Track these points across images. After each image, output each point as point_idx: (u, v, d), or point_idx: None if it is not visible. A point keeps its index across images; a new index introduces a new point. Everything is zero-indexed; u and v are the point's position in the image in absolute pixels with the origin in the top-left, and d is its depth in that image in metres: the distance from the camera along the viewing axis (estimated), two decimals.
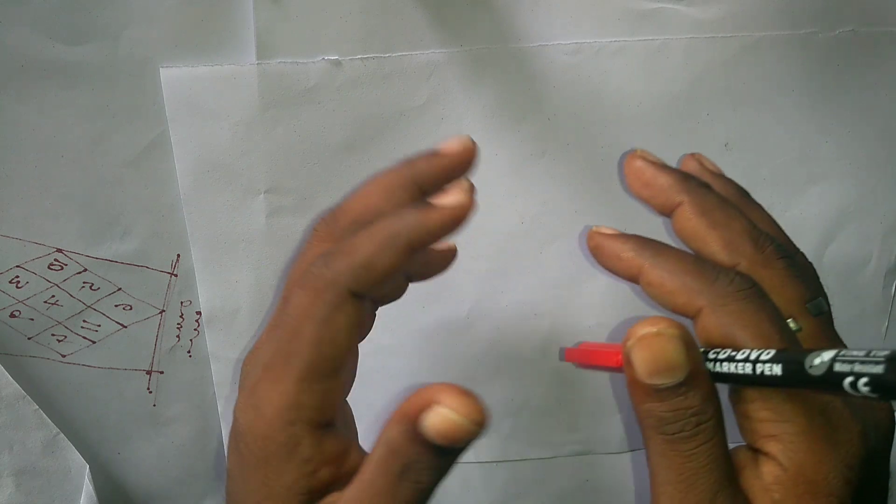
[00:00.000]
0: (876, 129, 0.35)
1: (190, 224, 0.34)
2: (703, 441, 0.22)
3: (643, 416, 0.22)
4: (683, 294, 0.23)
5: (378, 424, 0.43)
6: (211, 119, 0.32)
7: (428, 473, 0.22)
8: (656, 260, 0.24)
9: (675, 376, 0.21)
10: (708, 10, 0.32)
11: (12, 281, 0.34)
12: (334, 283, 0.23)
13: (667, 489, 0.22)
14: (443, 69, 0.32)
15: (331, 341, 0.23)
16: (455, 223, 0.24)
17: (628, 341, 0.22)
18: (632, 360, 0.21)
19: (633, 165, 0.28)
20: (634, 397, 0.22)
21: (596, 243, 0.26)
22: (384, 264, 0.23)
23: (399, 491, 0.22)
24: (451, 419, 0.20)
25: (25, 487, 0.37)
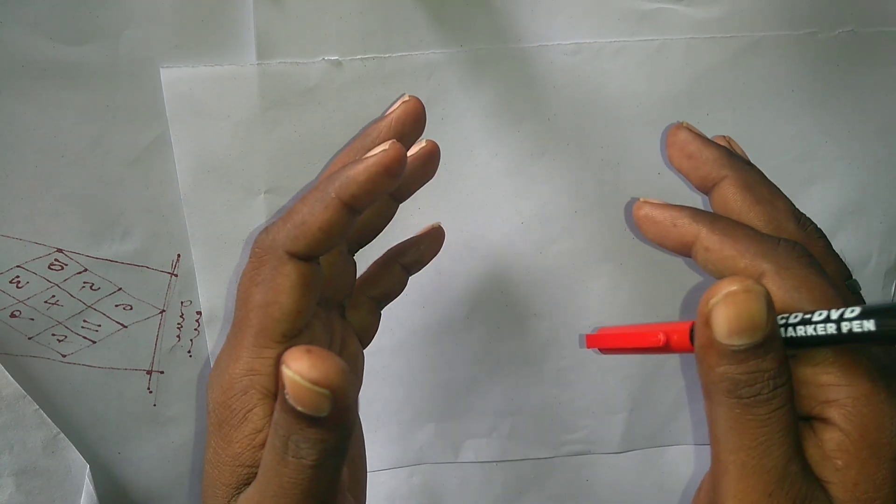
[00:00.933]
0: (876, 129, 0.35)
1: (190, 224, 0.34)
2: (779, 405, 0.21)
3: (716, 380, 0.21)
4: (745, 258, 0.23)
5: (378, 424, 0.43)
6: (211, 119, 0.32)
7: (307, 447, 0.20)
8: (715, 226, 0.24)
9: (755, 336, 0.20)
10: (708, 10, 0.32)
11: (13, 281, 0.34)
12: (272, 248, 0.23)
13: (739, 456, 0.21)
14: (443, 69, 0.32)
15: (275, 303, 0.23)
16: (382, 172, 0.23)
17: (711, 299, 0.20)
18: (712, 318, 0.21)
19: (677, 136, 0.27)
20: (707, 360, 0.21)
21: (646, 213, 0.26)
22: (316, 220, 0.23)
23: (285, 470, 0.21)
24: (298, 383, 0.19)
25: (26, 487, 0.37)
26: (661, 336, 0.25)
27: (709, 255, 0.24)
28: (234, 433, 0.23)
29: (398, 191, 0.29)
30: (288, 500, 0.21)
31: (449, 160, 0.34)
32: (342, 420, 0.20)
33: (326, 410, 0.19)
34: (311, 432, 0.20)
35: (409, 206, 0.35)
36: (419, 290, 0.37)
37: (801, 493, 0.21)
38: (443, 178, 0.35)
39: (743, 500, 0.21)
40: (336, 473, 0.22)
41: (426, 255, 0.31)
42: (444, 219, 0.36)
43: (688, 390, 0.40)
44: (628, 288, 0.37)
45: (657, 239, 0.26)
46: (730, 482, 0.21)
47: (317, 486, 0.21)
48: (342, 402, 0.20)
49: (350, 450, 0.28)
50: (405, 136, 0.26)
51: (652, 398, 0.40)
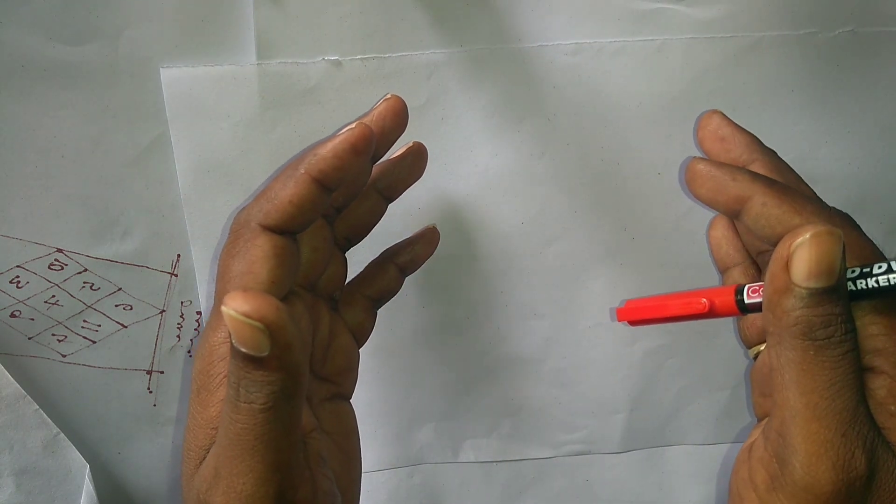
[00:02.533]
0: (876, 129, 0.35)
1: (190, 224, 0.34)
2: (850, 348, 0.22)
3: (791, 323, 0.22)
4: (801, 215, 0.24)
5: (378, 424, 0.43)
6: (211, 119, 0.32)
7: (255, 390, 0.21)
8: (773, 184, 0.25)
9: (831, 279, 0.21)
10: (708, 10, 0.32)
11: (13, 281, 0.34)
12: (247, 222, 0.25)
13: (812, 398, 0.22)
14: (443, 69, 0.32)
15: (250, 272, 0.24)
16: (348, 149, 0.24)
17: (794, 241, 0.21)
18: (793, 260, 0.21)
19: (711, 120, 0.28)
20: (783, 303, 0.22)
21: (703, 167, 0.26)
22: (287, 194, 0.24)
23: (238, 416, 0.21)
24: (234, 318, 0.20)
25: (26, 487, 0.37)
26: (705, 301, 0.26)
27: (765, 209, 0.24)
28: (210, 397, 0.24)
29: (387, 189, 0.30)
30: (242, 446, 0.21)
31: (449, 160, 0.34)
32: (286, 360, 0.21)
33: (266, 348, 0.20)
34: (257, 375, 0.21)
35: (409, 206, 0.35)
36: (419, 290, 0.37)
37: (870, 434, 0.22)
38: (443, 178, 0.35)
39: (816, 441, 0.22)
40: (290, 421, 0.22)
41: (421, 256, 0.32)
42: (444, 219, 0.36)
43: (688, 390, 0.40)
44: (628, 288, 0.37)
45: (710, 194, 0.26)
46: (801, 424, 0.22)
47: (270, 432, 0.21)
48: (280, 338, 0.20)
49: (342, 442, 0.29)
50: (386, 132, 0.27)
51: (652, 398, 0.40)
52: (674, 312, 0.27)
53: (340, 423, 0.29)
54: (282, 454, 0.22)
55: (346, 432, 0.29)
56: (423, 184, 0.35)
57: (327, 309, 0.29)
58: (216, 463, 0.22)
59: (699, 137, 0.29)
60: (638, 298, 0.29)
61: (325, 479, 0.25)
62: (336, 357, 0.29)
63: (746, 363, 0.40)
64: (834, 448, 0.22)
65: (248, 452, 0.21)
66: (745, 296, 0.25)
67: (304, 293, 0.27)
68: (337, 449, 0.28)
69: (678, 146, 0.34)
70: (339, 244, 0.30)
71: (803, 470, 0.22)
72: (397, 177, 0.30)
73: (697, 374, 0.40)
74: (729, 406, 0.41)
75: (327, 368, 0.29)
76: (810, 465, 0.22)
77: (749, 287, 0.25)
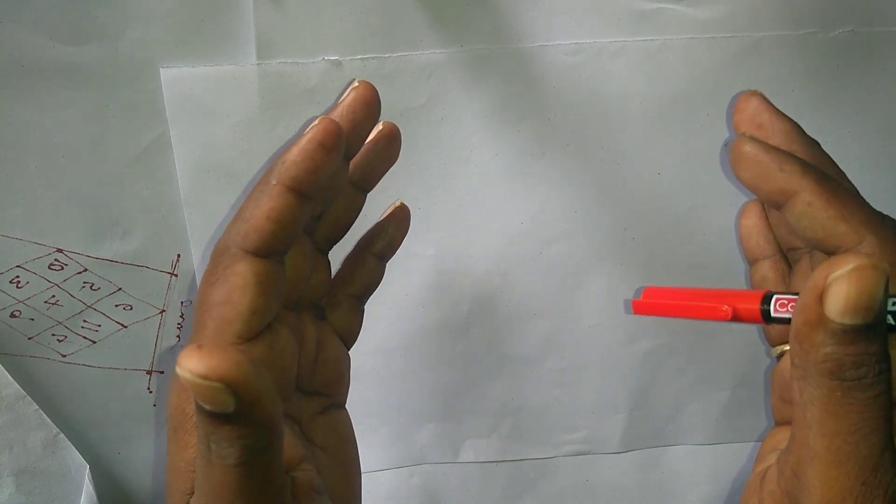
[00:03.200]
0: (876, 129, 0.35)
1: (190, 224, 0.34)
2: (882, 391, 0.20)
3: (819, 360, 0.20)
4: (849, 223, 0.22)
5: (378, 424, 0.43)
6: (211, 119, 0.32)
7: (226, 446, 0.19)
8: (824, 182, 0.23)
9: (868, 316, 0.19)
10: (708, 10, 0.32)
11: (13, 281, 0.34)
12: (226, 247, 0.23)
13: (834, 441, 0.20)
14: (443, 69, 0.32)
15: (228, 302, 0.22)
16: (316, 148, 0.22)
17: (832, 273, 0.19)
18: (829, 293, 0.19)
19: (749, 103, 0.26)
20: (812, 338, 0.20)
21: (751, 150, 0.23)
22: (262, 211, 0.22)
23: (213, 472, 0.20)
24: (190, 381, 0.18)
25: (25, 487, 0.37)
26: (727, 308, 0.24)
27: (810, 210, 0.22)
28: (188, 438, 0.23)
29: (362, 180, 0.28)
30: (221, 502, 0.20)
31: (449, 160, 0.34)
32: (255, 415, 0.19)
33: (231, 405, 0.18)
34: (225, 430, 0.19)
35: (409, 207, 0.35)
36: (419, 289, 0.37)
37: (893, 483, 0.20)
38: (443, 178, 0.35)
39: (834, 487, 0.20)
40: (269, 471, 0.20)
41: (396, 238, 0.30)
42: (445, 219, 0.36)
43: (688, 390, 0.40)
44: (628, 288, 0.37)
45: (754, 180, 0.24)
46: (820, 468, 0.20)
47: (248, 487, 0.20)
48: (245, 395, 0.18)
49: (339, 453, 0.27)
50: (358, 125, 0.25)
51: (652, 398, 0.40)
52: (693, 315, 0.25)
53: (336, 434, 0.28)
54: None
55: (343, 442, 0.28)
56: (424, 184, 0.35)
57: (312, 320, 0.28)
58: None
59: (735, 122, 0.26)
60: (655, 289, 0.27)
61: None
62: (325, 368, 0.28)
63: (747, 363, 0.40)
64: (852, 497, 0.20)
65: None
66: (772, 306, 0.24)
67: (286, 314, 0.26)
68: (333, 461, 0.27)
69: (678, 146, 0.34)
70: (320, 247, 0.28)
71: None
72: (371, 165, 0.28)
73: (697, 374, 0.40)
74: (729, 406, 0.41)
75: (317, 382, 0.28)
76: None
77: (777, 299, 0.24)
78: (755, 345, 0.39)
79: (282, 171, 0.23)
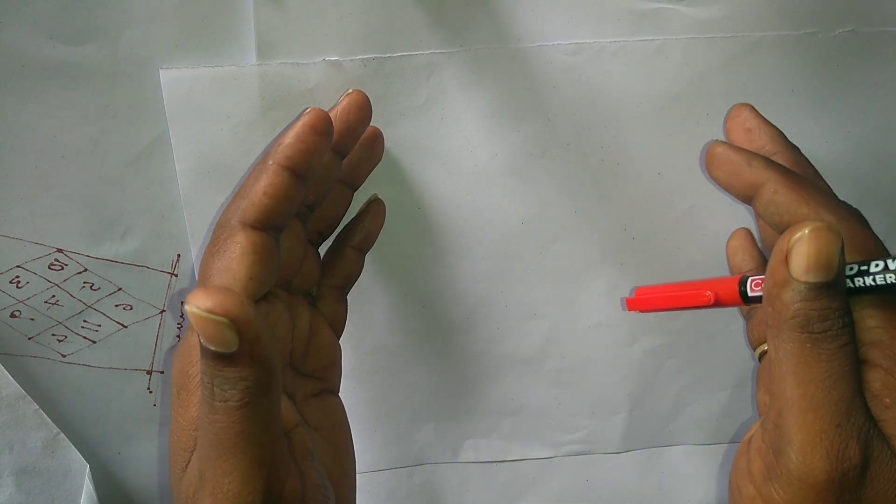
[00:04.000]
0: (876, 129, 0.35)
1: (190, 224, 0.34)
2: (847, 342, 0.22)
3: (789, 316, 0.22)
4: (810, 205, 0.25)
5: (378, 424, 0.43)
6: (211, 119, 0.32)
7: (229, 388, 0.21)
8: (787, 173, 0.26)
9: (829, 275, 0.22)
10: (708, 10, 0.32)
11: (13, 281, 0.34)
12: (226, 221, 0.25)
13: (808, 389, 0.22)
14: (443, 69, 0.32)
15: (228, 269, 0.24)
16: (308, 131, 0.25)
17: (793, 236, 0.22)
18: (792, 255, 0.22)
19: (741, 112, 0.30)
20: (782, 296, 0.22)
21: (722, 151, 0.27)
22: (260, 187, 0.25)
23: (216, 416, 0.21)
24: (198, 315, 0.20)
25: (26, 487, 0.37)
26: (710, 294, 0.27)
27: (776, 196, 0.25)
28: (191, 398, 0.24)
29: (349, 177, 0.31)
30: (224, 446, 0.21)
31: (449, 160, 0.34)
32: (256, 354, 0.20)
33: (234, 343, 0.20)
34: (228, 371, 0.20)
35: (409, 206, 0.35)
36: (419, 290, 0.37)
37: (864, 426, 0.22)
38: (443, 178, 0.35)
39: (811, 431, 0.22)
40: (269, 415, 0.22)
41: (373, 231, 0.33)
42: (445, 219, 0.36)
43: (688, 390, 0.40)
44: (628, 288, 0.37)
45: (726, 178, 0.27)
46: (797, 414, 0.22)
47: (250, 428, 0.21)
48: (247, 332, 0.20)
49: (331, 435, 0.29)
50: (351, 124, 0.28)
51: (652, 398, 0.40)
52: (680, 304, 0.28)
53: (328, 418, 0.29)
54: (264, 449, 0.22)
55: (335, 426, 0.29)
56: (424, 184, 0.35)
57: (305, 305, 0.29)
58: (200, 465, 0.22)
59: (727, 128, 0.30)
60: (647, 287, 0.30)
61: (314, 471, 0.25)
62: (318, 352, 0.29)
63: (747, 363, 0.40)
64: (829, 438, 0.22)
65: (229, 451, 0.21)
66: (748, 287, 0.26)
67: (280, 293, 0.28)
68: (326, 443, 0.28)
69: (678, 146, 0.34)
70: (311, 240, 0.30)
71: (798, 459, 0.22)
72: (357, 163, 0.31)
73: (697, 374, 0.40)
74: (729, 406, 0.41)
75: (310, 365, 0.29)
76: (805, 455, 0.22)
77: (752, 279, 0.26)
78: None
79: (278, 151, 0.25)
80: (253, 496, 0.21)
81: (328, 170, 0.28)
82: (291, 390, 0.28)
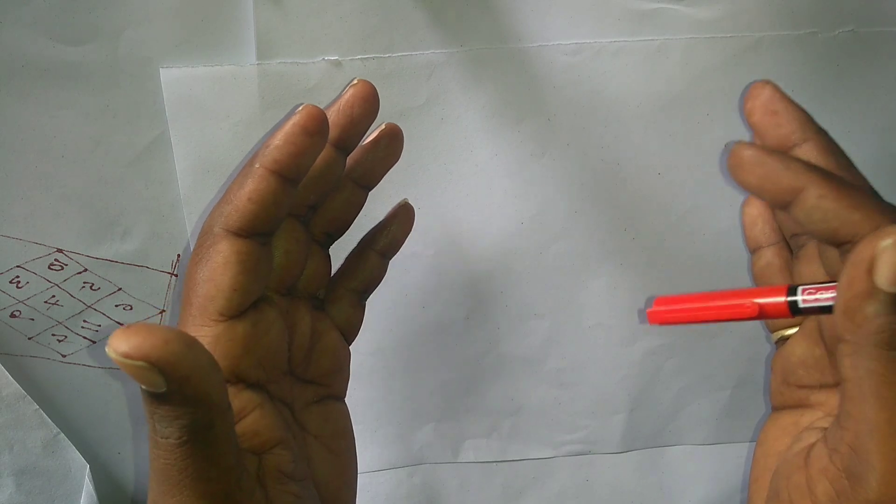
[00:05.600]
0: (876, 129, 0.35)
1: (190, 224, 0.34)
2: None
3: (874, 331, 0.20)
4: (862, 210, 0.22)
5: (378, 424, 0.43)
6: (211, 119, 0.32)
7: (166, 425, 0.20)
8: (829, 176, 0.23)
9: None
10: (708, 10, 0.32)
11: (13, 281, 0.34)
12: (210, 228, 0.24)
13: (894, 413, 0.20)
14: (443, 69, 0.32)
15: (210, 280, 0.23)
16: (298, 132, 0.23)
17: (880, 244, 0.20)
18: (879, 264, 0.20)
19: (763, 91, 0.26)
20: (865, 310, 0.20)
21: (753, 154, 0.23)
22: (245, 192, 0.23)
23: (159, 452, 0.20)
24: (118, 360, 0.18)
25: (26, 487, 0.37)
26: (753, 305, 0.24)
27: (823, 202, 0.22)
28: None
29: (363, 177, 0.28)
30: (170, 482, 0.21)
31: (449, 160, 0.34)
32: (188, 393, 0.19)
33: (161, 385, 0.19)
34: (163, 410, 0.20)
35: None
36: (419, 290, 0.37)
37: None
38: (443, 178, 0.35)
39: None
40: (216, 449, 0.21)
41: (399, 237, 0.31)
42: (445, 219, 0.36)
43: (688, 390, 0.40)
44: (628, 288, 0.37)
45: (759, 183, 0.23)
46: (881, 440, 0.21)
47: (193, 465, 0.20)
48: (173, 373, 0.19)
49: (333, 443, 0.28)
50: (356, 118, 0.26)
51: (652, 398, 0.40)
52: (716, 317, 0.25)
53: (331, 425, 0.28)
54: (212, 484, 0.21)
55: (338, 434, 0.28)
56: (424, 183, 0.35)
57: (308, 310, 0.28)
58: (153, 496, 0.21)
59: (747, 109, 0.26)
60: (668, 297, 0.26)
61: (287, 495, 0.24)
62: (321, 358, 0.28)
63: (747, 363, 0.40)
64: None
65: (175, 487, 0.21)
66: (799, 297, 0.23)
67: (278, 298, 0.26)
68: (326, 451, 0.28)
69: (678, 146, 0.34)
70: (319, 241, 0.29)
71: (880, 490, 0.21)
72: (372, 162, 0.28)
73: (697, 374, 0.40)
74: (729, 406, 0.41)
75: (312, 371, 0.28)
76: (888, 485, 0.21)
77: (803, 288, 0.24)
78: (755, 345, 0.39)
79: (265, 154, 0.24)
80: None
81: (329, 168, 0.27)
82: (290, 398, 0.27)
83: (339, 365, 0.29)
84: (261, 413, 0.24)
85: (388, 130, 0.28)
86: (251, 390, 0.25)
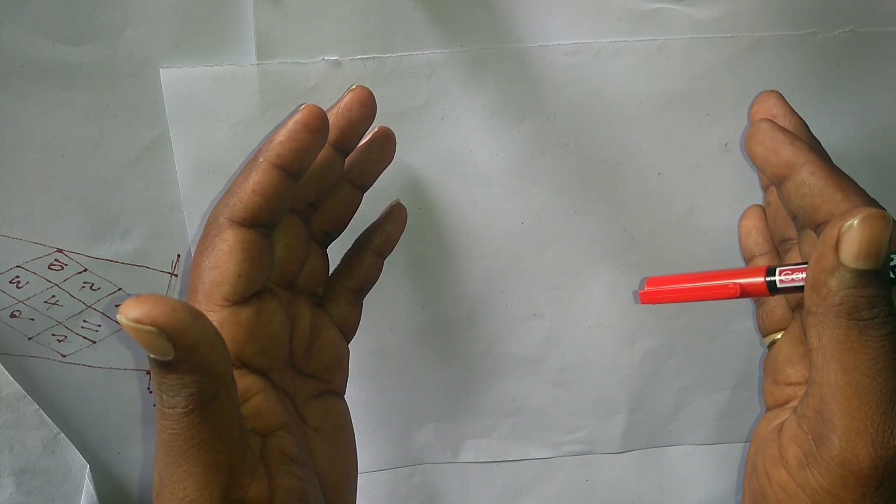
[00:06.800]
0: (876, 129, 0.35)
1: (190, 224, 0.34)
2: (893, 330, 0.22)
3: (836, 303, 0.22)
4: (843, 192, 0.24)
5: (378, 424, 0.43)
6: (211, 119, 0.32)
7: (173, 394, 0.20)
8: (826, 160, 0.25)
9: (878, 262, 0.22)
10: (708, 10, 0.32)
11: (13, 281, 0.34)
12: (216, 218, 0.25)
13: (854, 376, 0.22)
14: (443, 69, 0.32)
15: (216, 267, 0.25)
16: (300, 129, 0.25)
17: (846, 223, 0.22)
18: (843, 241, 0.22)
19: (769, 98, 0.29)
20: (829, 283, 0.22)
21: (765, 128, 0.26)
22: (249, 184, 0.25)
23: (165, 423, 0.21)
24: (128, 326, 0.19)
25: (26, 487, 0.37)
26: (735, 285, 0.26)
27: (812, 178, 0.25)
28: None
29: (359, 178, 0.30)
30: (176, 452, 0.21)
31: (449, 160, 0.34)
32: (196, 361, 0.20)
33: (169, 352, 0.19)
34: (170, 379, 0.20)
35: (409, 206, 0.35)
36: (419, 289, 0.37)
37: None
38: (443, 178, 0.35)
39: (856, 417, 0.22)
40: (221, 420, 0.21)
41: (393, 235, 0.32)
42: (445, 219, 0.36)
43: (688, 390, 0.40)
44: (628, 288, 0.37)
45: (765, 153, 0.26)
46: (842, 400, 0.22)
47: (200, 435, 0.21)
48: (181, 340, 0.19)
49: (332, 437, 0.29)
50: (354, 120, 0.28)
51: (652, 398, 0.40)
52: (702, 296, 0.27)
53: (330, 419, 0.29)
54: (219, 455, 0.21)
55: (337, 428, 0.29)
56: (423, 183, 0.35)
57: (308, 305, 0.29)
58: (160, 469, 0.22)
59: (752, 112, 0.29)
60: (659, 277, 0.29)
61: (290, 476, 0.24)
62: (321, 353, 0.29)
63: (746, 363, 0.40)
64: (874, 425, 0.22)
65: (182, 457, 0.21)
66: (777, 277, 0.26)
67: (279, 291, 0.27)
68: (326, 444, 0.28)
69: (678, 146, 0.34)
70: (317, 240, 0.30)
71: (842, 446, 0.22)
72: (367, 164, 0.30)
73: (697, 374, 0.40)
74: (729, 406, 0.41)
75: (312, 365, 0.29)
76: (849, 441, 0.22)
77: (780, 269, 0.26)
78: (754, 345, 0.39)
79: (269, 149, 0.25)
80: (210, 501, 0.21)
81: (328, 167, 0.28)
82: (292, 390, 0.28)
83: (339, 361, 0.30)
84: (264, 397, 0.25)
85: (381, 133, 0.30)
86: (255, 375, 0.25)
